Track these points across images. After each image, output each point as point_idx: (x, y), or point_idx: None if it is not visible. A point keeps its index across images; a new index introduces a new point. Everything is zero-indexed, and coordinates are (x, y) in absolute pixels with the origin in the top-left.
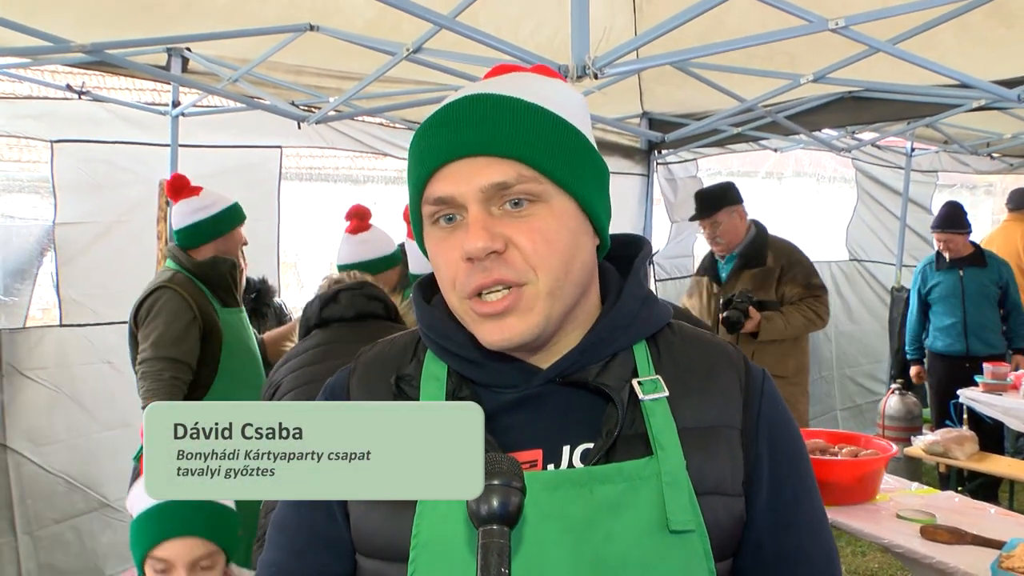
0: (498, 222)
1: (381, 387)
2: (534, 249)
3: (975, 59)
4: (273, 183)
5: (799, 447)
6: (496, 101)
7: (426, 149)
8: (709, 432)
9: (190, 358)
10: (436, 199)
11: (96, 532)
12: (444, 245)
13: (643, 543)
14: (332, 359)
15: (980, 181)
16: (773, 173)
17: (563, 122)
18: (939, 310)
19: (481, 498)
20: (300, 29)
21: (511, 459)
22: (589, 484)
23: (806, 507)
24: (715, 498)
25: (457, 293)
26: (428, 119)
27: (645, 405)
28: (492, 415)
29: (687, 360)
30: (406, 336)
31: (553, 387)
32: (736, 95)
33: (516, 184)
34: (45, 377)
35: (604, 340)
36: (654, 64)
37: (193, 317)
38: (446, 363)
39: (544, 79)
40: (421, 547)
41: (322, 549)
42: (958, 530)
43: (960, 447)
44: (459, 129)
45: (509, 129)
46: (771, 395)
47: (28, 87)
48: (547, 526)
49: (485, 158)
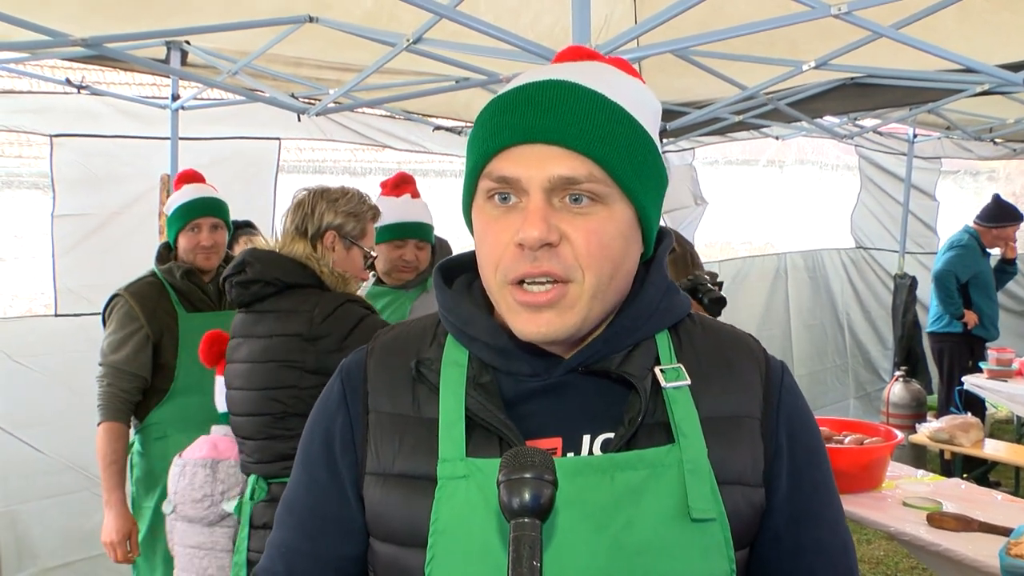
0: (556, 214)
1: (401, 371)
2: (587, 249)
3: (978, 44)
4: (270, 175)
5: (817, 440)
6: (578, 92)
7: (500, 124)
8: (730, 422)
9: (132, 367)
10: (499, 177)
11: (87, 510)
12: (496, 225)
13: (663, 531)
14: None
15: (983, 167)
16: (774, 161)
17: (640, 127)
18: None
19: (513, 491)
20: (299, 21)
21: (543, 453)
22: (610, 471)
23: (824, 499)
24: (736, 488)
25: (499, 276)
26: (505, 93)
27: (667, 393)
28: (513, 402)
29: (708, 350)
30: (425, 319)
31: (575, 376)
32: (737, 82)
33: (585, 182)
34: (38, 365)
35: (627, 329)
36: (655, 52)
37: (139, 326)
38: (467, 349)
39: (624, 76)
40: (439, 533)
41: (333, 530)
42: (965, 517)
43: (965, 434)
44: (536, 113)
45: (588, 124)
46: (791, 387)
47: (27, 82)
48: (567, 513)
49: (559, 148)
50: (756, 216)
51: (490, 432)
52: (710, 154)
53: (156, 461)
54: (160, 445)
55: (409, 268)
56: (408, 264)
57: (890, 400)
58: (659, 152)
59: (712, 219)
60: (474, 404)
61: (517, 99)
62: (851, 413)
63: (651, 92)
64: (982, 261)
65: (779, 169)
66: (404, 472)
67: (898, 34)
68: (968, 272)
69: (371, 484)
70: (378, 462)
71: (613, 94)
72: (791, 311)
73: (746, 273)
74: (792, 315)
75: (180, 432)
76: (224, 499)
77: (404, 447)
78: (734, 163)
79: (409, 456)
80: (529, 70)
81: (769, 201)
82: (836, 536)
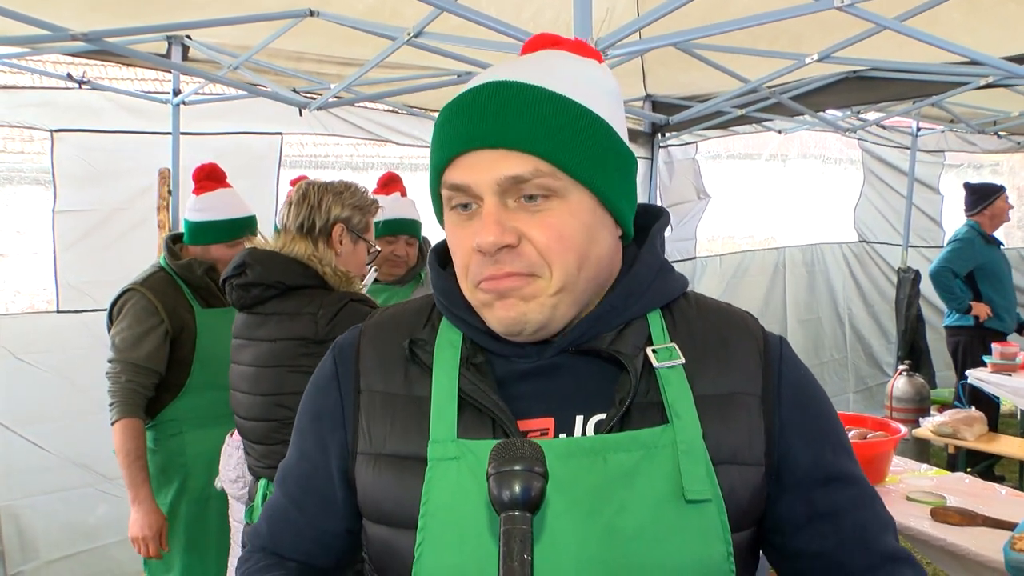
0: (512, 215)
1: (394, 350)
2: (548, 245)
3: (983, 36)
4: (272, 170)
5: (827, 406)
6: (517, 90)
7: (446, 134)
8: (726, 400)
9: (151, 363)
10: (452, 185)
11: (90, 505)
12: (459, 232)
13: (658, 513)
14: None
15: (986, 160)
16: (777, 155)
17: (587, 112)
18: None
19: (503, 484)
20: (300, 15)
21: (532, 443)
22: (603, 452)
23: (843, 460)
24: (731, 467)
25: (469, 281)
26: (451, 102)
27: (660, 373)
28: (505, 382)
29: (703, 329)
30: (420, 301)
31: (567, 357)
32: (740, 76)
33: (532, 179)
34: (40, 361)
35: (617, 308)
36: (657, 45)
37: (159, 321)
38: (461, 330)
39: (577, 60)
40: (430, 515)
41: (316, 503)
42: (969, 512)
43: (969, 428)
44: (478, 118)
45: (528, 122)
46: (790, 359)
47: (28, 77)
48: (559, 496)
49: (502, 151)
50: (758, 210)
51: (482, 413)
52: (712, 148)
53: (171, 456)
54: (176, 441)
55: (400, 263)
56: (399, 259)
57: (893, 394)
58: (615, 132)
59: (715, 213)
60: (467, 384)
61: (460, 105)
62: (851, 408)
63: (605, 70)
64: (986, 251)
65: (781, 163)
66: (395, 452)
67: (902, 26)
68: (968, 265)
69: (363, 464)
70: (369, 442)
71: (557, 83)
72: (788, 305)
73: (746, 267)
74: (788, 309)
75: (196, 428)
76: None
77: (395, 427)
78: (736, 157)
79: (400, 436)
80: (482, 72)
81: (771, 195)
82: (867, 487)
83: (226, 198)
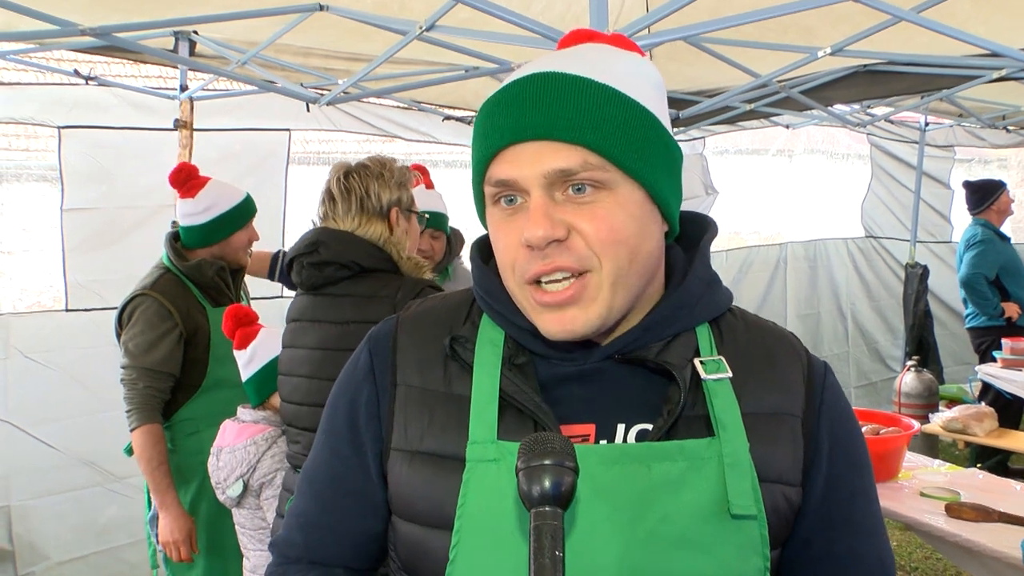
0: (560, 208)
1: (433, 346)
2: (598, 236)
3: (997, 28)
4: (281, 167)
5: (861, 446)
6: (564, 81)
7: (490, 128)
8: (772, 418)
9: (167, 367)
10: (497, 181)
11: (100, 505)
12: (504, 228)
13: (701, 525)
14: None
15: (993, 155)
16: (784, 150)
17: (635, 104)
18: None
19: (533, 478)
20: (309, 9)
21: (563, 438)
22: (648, 461)
23: (861, 507)
24: (777, 486)
25: (516, 277)
26: (494, 95)
27: (708, 385)
28: (547, 385)
29: (750, 345)
30: (459, 295)
31: (612, 364)
32: (750, 70)
33: (581, 171)
34: (49, 360)
35: (667, 319)
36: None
37: (173, 325)
38: (503, 329)
39: (620, 53)
40: (467, 517)
41: (352, 504)
42: (984, 507)
43: (979, 423)
44: (524, 110)
45: (576, 113)
46: (834, 388)
47: (35, 73)
48: (600, 502)
49: (550, 142)
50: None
51: (523, 415)
52: (720, 143)
53: (189, 456)
54: (194, 440)
55: (425, 257)
56: (424, 253)
57: (902, 390)
58: (662, 125)
59: (722, 209)
60: (509, 385)
61: (505, 99)
62: (854, 404)
63: (650, 64)
64: (1005, 249)
65: (788, 159)
66: (432, 451)
67: (919, 18)
68: (995, 266)
69: (396, 460)
70: (405, 438)
71: (603, 75)
72: (788, 300)
73: (750, 263)
74: (788, 304)
75: (212, 427)
76: (227, 485)
77: (434, 425)
78: (744, 152)
79: (438, 434)
80: (523, 65)
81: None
82: (873, 548)
83: (220, 188)
